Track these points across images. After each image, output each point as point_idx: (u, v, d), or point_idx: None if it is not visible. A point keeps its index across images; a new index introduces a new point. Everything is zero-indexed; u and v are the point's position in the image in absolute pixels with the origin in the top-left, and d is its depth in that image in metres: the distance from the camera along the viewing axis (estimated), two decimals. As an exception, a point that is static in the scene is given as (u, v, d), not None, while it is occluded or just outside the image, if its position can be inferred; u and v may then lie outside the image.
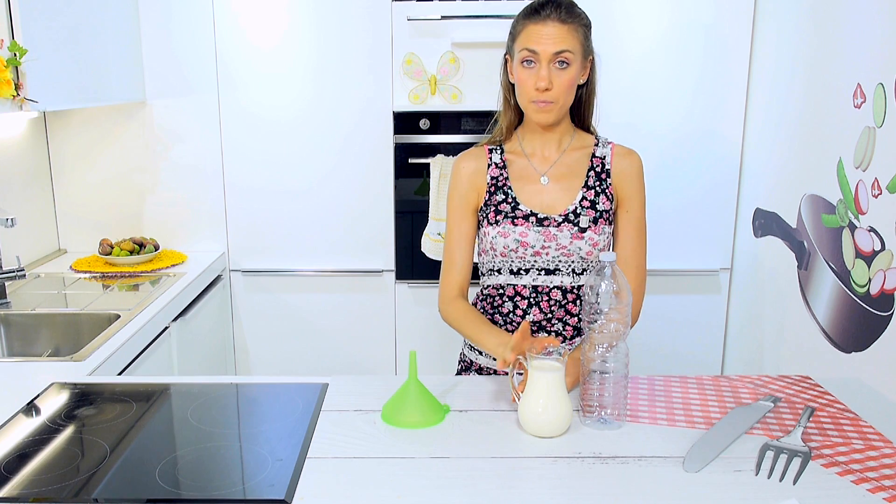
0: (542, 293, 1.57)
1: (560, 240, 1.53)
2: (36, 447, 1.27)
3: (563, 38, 1.45)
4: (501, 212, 1.56)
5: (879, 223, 1.75)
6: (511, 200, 1.56)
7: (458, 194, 1.60)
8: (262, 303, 2.82)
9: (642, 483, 1.15)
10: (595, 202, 1.55)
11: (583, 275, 1.57)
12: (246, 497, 1.12)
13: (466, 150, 1.64)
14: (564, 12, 1.46)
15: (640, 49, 2.59)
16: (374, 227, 2.75)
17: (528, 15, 1.49)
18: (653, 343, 2.77)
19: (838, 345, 1.95)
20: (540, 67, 1.46)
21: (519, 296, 1.58)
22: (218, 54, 2.62)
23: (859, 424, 1.36)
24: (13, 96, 1.85)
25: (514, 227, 1.54)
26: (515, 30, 1.51)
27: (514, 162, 1.59)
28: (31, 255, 2.57)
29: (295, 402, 1.43)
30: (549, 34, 1.45)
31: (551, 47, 1.45)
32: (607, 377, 1.32)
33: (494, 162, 1.59)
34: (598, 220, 1.54)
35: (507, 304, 1.59)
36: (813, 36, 2.13)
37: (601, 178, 1.57)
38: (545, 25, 1.45)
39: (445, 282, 1.62)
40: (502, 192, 1.57)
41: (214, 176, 2.72)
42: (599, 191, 1.56)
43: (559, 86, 1.47)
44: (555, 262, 1.55)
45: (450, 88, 2.61)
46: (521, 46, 1.48)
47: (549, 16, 1.46)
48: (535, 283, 1.57)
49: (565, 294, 1.57)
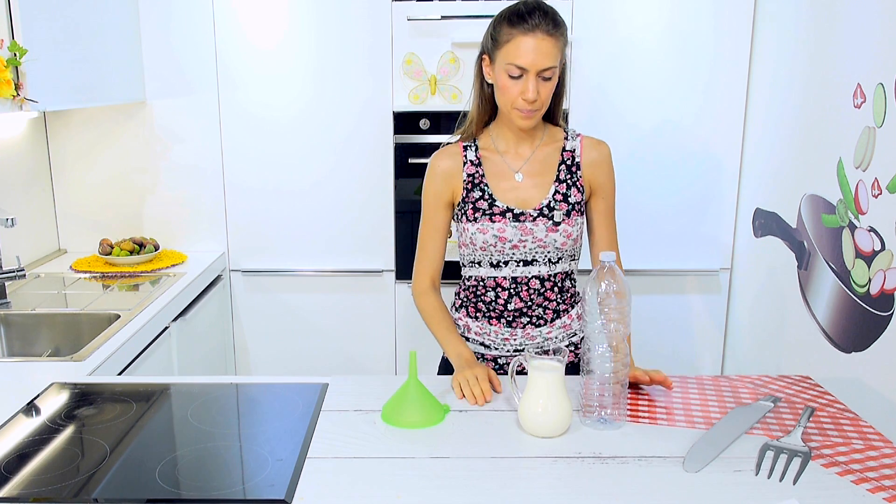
0: (521, 283, 1.63)
1: (536, 233, 1.59)
2: (36, 447, 1.27)
3: (550, 53, 1.47)
4: (479, 209, 1.61)
5: (879, 223, 1.75)
6: (488, 197, 1.61)
7: (433, 191, 1.65)
8: (262, 303, 2.82)
9: (642, 483, 1.15)
10: (567, 195, 1.61)
11: (559, 263, 1.63)
12: (246, 497, 1.12)
13: (442, 148, 1.68)
14: (551, 23, 1.47)
15: (640, 49, 2.59)
16: (373, 226, 2.75)
17: (515, 23, 1.48)
18: (653, 343, 2.77)
19: (838, 345, 1.95)
20: (528, 80, 1.49)
21: (500, 287, 1.64)
22: (218, 54, 2.62)
23: (859, 424, 1.36)
24: (13, 96, 1.85)
25: (492, 224, 1.59)
26: (500, 37, 1.50)
27: (488, 159, 1.64)
28: (31, 255, 2.57)
29: (295, 402, 1.43)
30: (537, 49, 1.46)
31: (540, 63, 1.47)
32: (607, 377, 1.32)
33: (470, 159, 1.63)
34: (571, 212, 1.61)
35: (489, 293, 1.65)
36: (813, 36, 2.13)
37: (571, 171, 1.62)
38: (534, 37, 1.46)
39: (418, 271, 1.70)
40: (479, 189, 1.61)
41: (214, 176, 2.72)
42: (570, 184, 1.62)
43: (543, 94, 1.51)
44: (532, 253, 1.61)
45: (450, 88, 2.61)
46: (508, 60, 1.48)
47: (538, 26, 1.46)
48: (514, 275, 1.63)
49: (543, 283, 1.63)
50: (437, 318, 1.65)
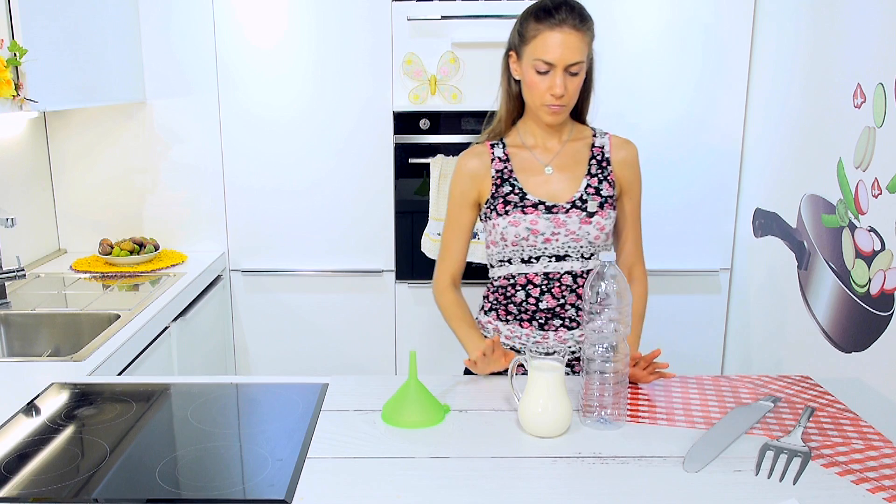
0: (553, 280, 1.60)
1: (569, 225, 1.57)
2: (36, 447, 1.27)
3: (577, 47, 1.47)
4: (510, 202, 1.58)
5: (879, 223, 1.75)
6: (518, 191, 1.59)
7: (460, 190, 1.64)
8: (262, 303, 2.82)
9: (642, 483, 1.15)
10: (599, 188, 1.60)
11: (591, 259, 1.61)
12: (246, 497, 1.12)
13: (469, 148, 1.66)
14: (578, 18, 1.47)
15: (640, 48, 2.59)
16: (374, 227, 2.75)
17: (542, 18, 1.48)
18: (653, 343, 2.75)
19: (838, 345, 1.95)
20: (555, 75, 1.48)
21: (531, 284, 1.61)
22: (218, 54, 2.62)
23: (859, 424, 1.36)
24: (13, 96, 1.84)
25: (524, 216, 1.57)
26: (527, 33, 1.50)
27: (516, 154, 1.62)
28: (31, 255, 2.57)
29: (295, 402, 1.43)
30: (564, 44, 1.46)
31: (567, 58, 1.47)
32: (607, 377, 1.32)
33: (497, 156, 1.62)
34: (604, 204, 1.59)
35: (520, 293, 1.62)
36: (813, 36, 2.13)
37: (602, 167, 1.62)
38: (560, 32, 1.46)
39: (440, 269, 1.69)
40: (508, 183, 1.60)
41: (214, 176, 2.72)
42: (602, 178, 1.61)
43: (571, 90, 1.51)
44: (564, 248, 1.58)
45: (450, 88, 2.61)
46: (536, 56, 1.48)
47: (565, 21, 1.46)
48: (546, 271, 1.60)
49: (576, 279, 1.60)
50: (458, 314, 1.64)
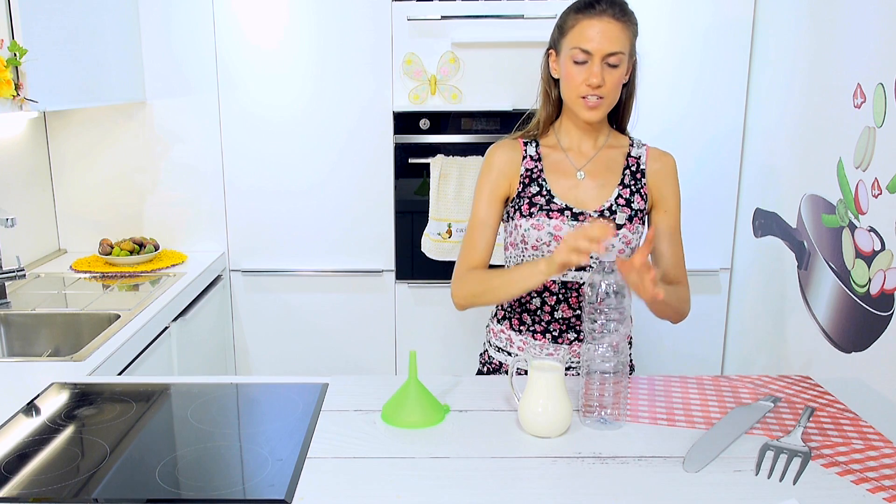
0: (571, 289, 1.56)
1: None
2: (36, 447, 1.27)
3: (617, 37, 1.44)
4: (536, 204, 1.54)
5: (879, 223, 1.75)
6: (546, 193, 1.54)
7: (489, 180, 1.58)
8: (262, 303, 2.82)
9: (642, 483, 1.15)
10: (630, 201, 1.55)
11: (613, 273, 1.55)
12: (246, 497, 1.12)
13: (501, 140, 1.62)
14: (619, 10, 1.45)
15: (640, 48, 2.58)
16: (374, 227, 2.75)
17: (581, 9, 1.46)
18: (653, 343, 2.77)
19: (838, 345, 1.95)
20: (592, 64, 1.45)
21: (547, 291, 1.57)
22: (218, 54, 2.62)
23: (859, 424, 1.36)
24: (13, 96, 1.84)
25: (548, 220, 1.52)
26: (566, 24, 1.49)
27: (549, 155, 1.58)
28: (31, 255, 2.57)
29: (295, 402, 1.43)
30: (603, 32, 1.43)
31: (606, 47, 1.44)
32: (607, 377, 1.32)
33: (529, 154, 1.58)
34: (633, 218, 1.54)
35: (535, 300, 1.58)
36: (813, 36, 2.13)
37: (636, 178, 1.57)
38: (600, 21, 1.44)
39: (459, 263, 1.59)
40: (536, 184, 1.55)
41: (214, 176, 2.72)
42: (634, 190, 1.56)
43: (609, 83, 1.47)
44: None
45: (450, 88, 2.61)
46: (574, 45, 1.46)
47: (605, 11, 1.44)
48: (564, 279, 1.55)
49: None
50: (491, 273, 1.52)
